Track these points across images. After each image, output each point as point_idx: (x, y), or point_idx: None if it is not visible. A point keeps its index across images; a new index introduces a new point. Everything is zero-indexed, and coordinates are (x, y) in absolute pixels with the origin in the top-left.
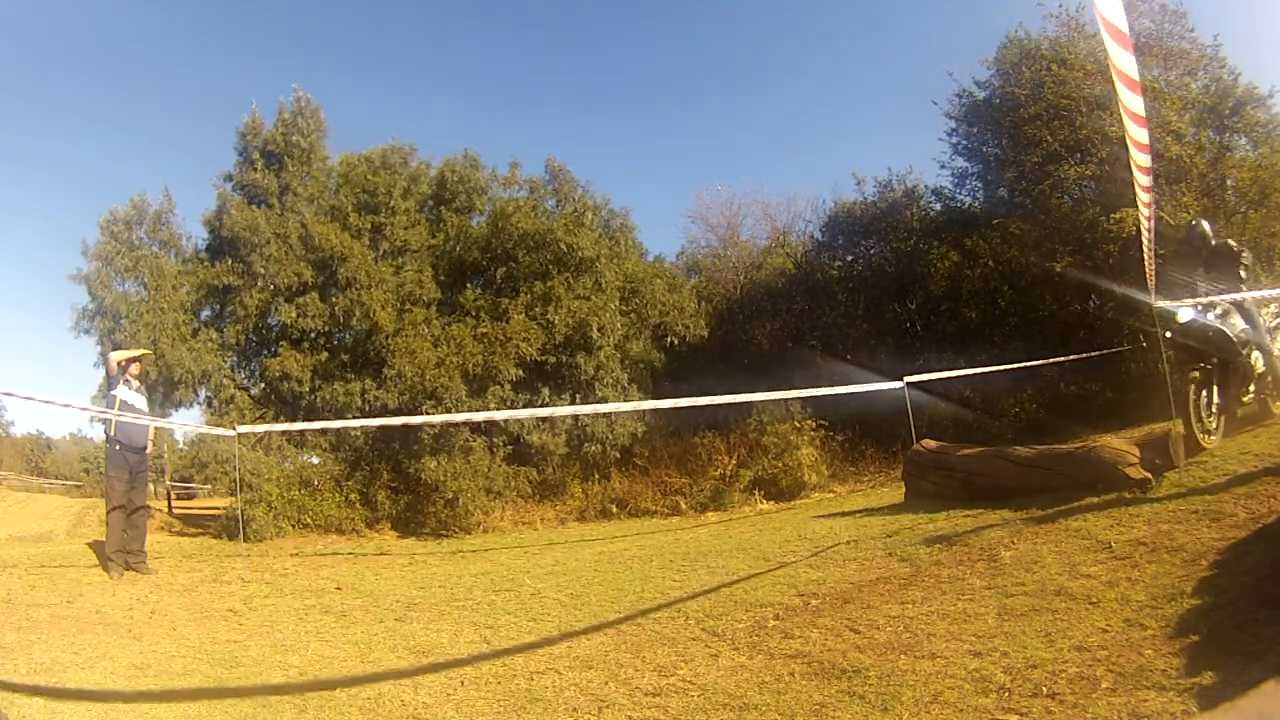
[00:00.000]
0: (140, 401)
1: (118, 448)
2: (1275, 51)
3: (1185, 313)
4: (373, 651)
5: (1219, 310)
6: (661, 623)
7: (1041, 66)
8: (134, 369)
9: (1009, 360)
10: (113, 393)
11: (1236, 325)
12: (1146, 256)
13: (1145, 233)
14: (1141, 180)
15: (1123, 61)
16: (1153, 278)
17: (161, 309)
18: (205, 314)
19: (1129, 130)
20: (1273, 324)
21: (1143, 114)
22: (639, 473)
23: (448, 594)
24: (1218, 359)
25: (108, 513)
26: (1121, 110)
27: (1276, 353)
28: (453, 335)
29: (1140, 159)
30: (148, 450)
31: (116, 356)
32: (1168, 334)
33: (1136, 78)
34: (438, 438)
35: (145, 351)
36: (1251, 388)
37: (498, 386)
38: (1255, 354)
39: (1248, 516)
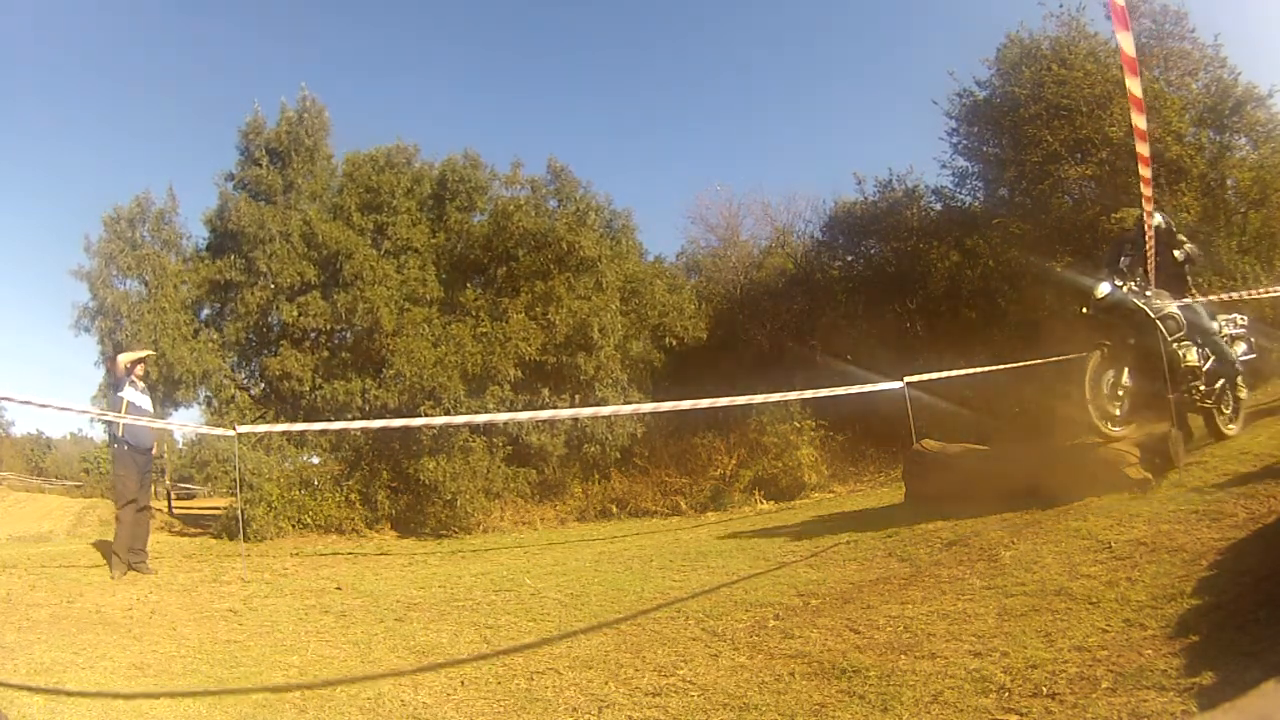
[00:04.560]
0: (146, 403)
1: (126, 448)
2: (1275, 51)
3: (1104, 286)
4: (373, 651)
5: (1149, 291)
6: (661, 623)
7: (1042, 66)
8: (139, 370)
9: (1009, 360)
10: (120, 394)
11: (1165, 308)
12: (1148, 247)
13: (1146, 223)
14: (1141, 172)
15: (1123, 42)
16: (1153, 269)
17: (163, 308)
18: (206, 313)
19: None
20: (1232, 332)
21: (1140, 95)
22: (639, 473)
23: (448, 594)
24: (1136, 340)
25: (119, 510)
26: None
27: (1231, 360)
28: (452, 335)
29: (1138, 148)
30: (153, 451)
31: (124, 358)
32: (1083, 309)
33: (1133, 55)
34: (437, 438)
35: (150, 352)
36: (1182, 386)
37: (497, 387)
38: (1190, 347)
39: (1248, 516)
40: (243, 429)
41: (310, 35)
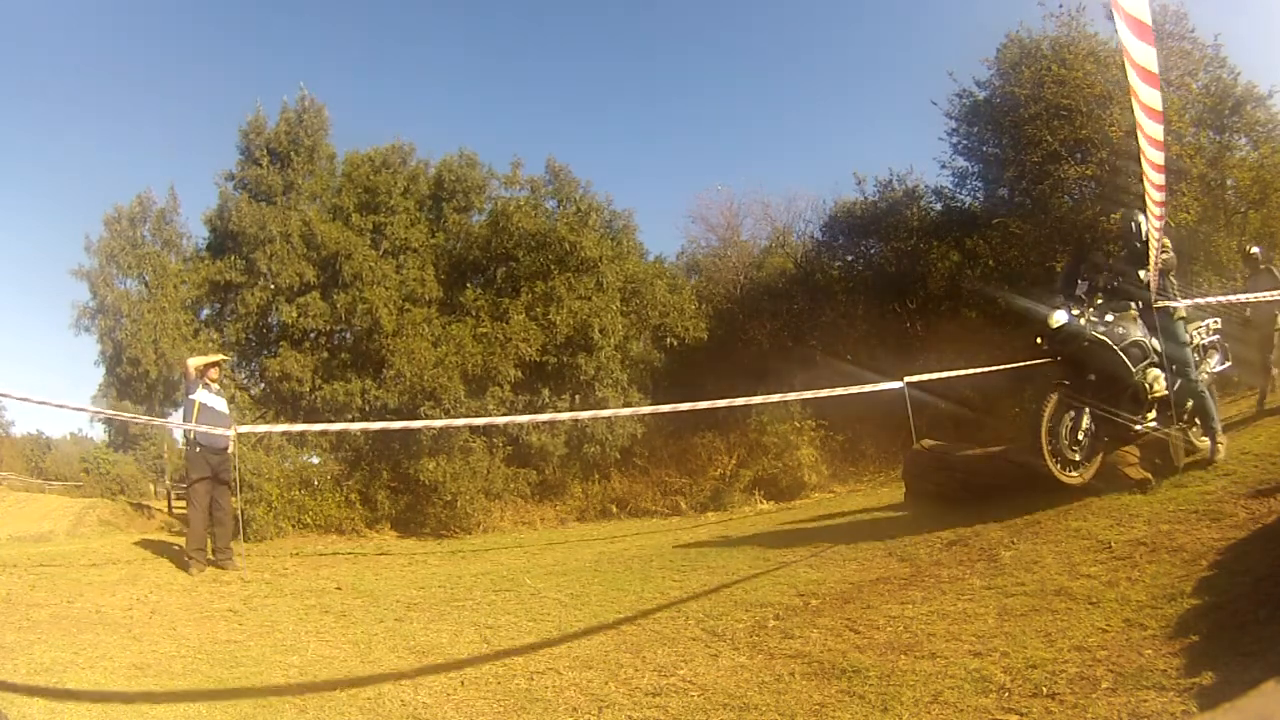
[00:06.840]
0: (221, 404)
1: (198, 450)
2: (1275, 51)
3: (1059, 315)
4: (373, 651)
5: (1109, 316)
6: (661, 623)
7: (1042, 66)
8: (213, 373)
9: (1009, 360)
10: (192, 397)
11: (1128, 335)
12: (1152, 260)
13: (1154, 233)
14: (1154, 178)
15: (1141, 54)
16: (1155, 279)
17: (163, 308)
18: (205, 313)
19: (1142, 125)
20: (1204, 341)
21: (1159, 109)
22: (639, 473)
23: (448, 594)
24: (1097, 376)
25: (191, 513)
26: (1135, 104)
27: (1204, 378)
28: (452, 335)
29: (1154, 155)
30: (228, 450)
31: (195, 362)
32: (1037, 339)
33: (1155, 70)
34: (437, 438)
35: (224, 356)
36: (1151, 415)
37: (497, 387)
38: (1153, 372)
39: (1248, 516)
40: (243, 429)
41: (310, 35)
